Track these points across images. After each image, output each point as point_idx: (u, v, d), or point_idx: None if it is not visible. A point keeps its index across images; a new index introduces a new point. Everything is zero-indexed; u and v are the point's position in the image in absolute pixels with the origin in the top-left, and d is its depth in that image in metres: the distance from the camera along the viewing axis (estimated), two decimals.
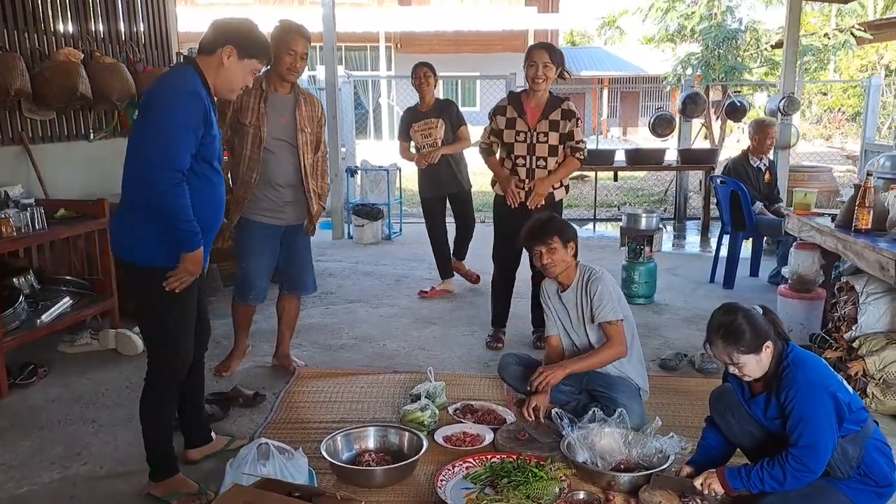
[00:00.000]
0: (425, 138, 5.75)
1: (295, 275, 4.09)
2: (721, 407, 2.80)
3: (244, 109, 3.75)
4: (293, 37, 3.71)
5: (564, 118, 4.32)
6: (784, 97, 7.71)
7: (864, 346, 3.66)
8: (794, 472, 2.47)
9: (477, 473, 2.98)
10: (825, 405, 2.46)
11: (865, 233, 3.79)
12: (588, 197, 10.89)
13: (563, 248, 3.42)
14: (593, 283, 3.43)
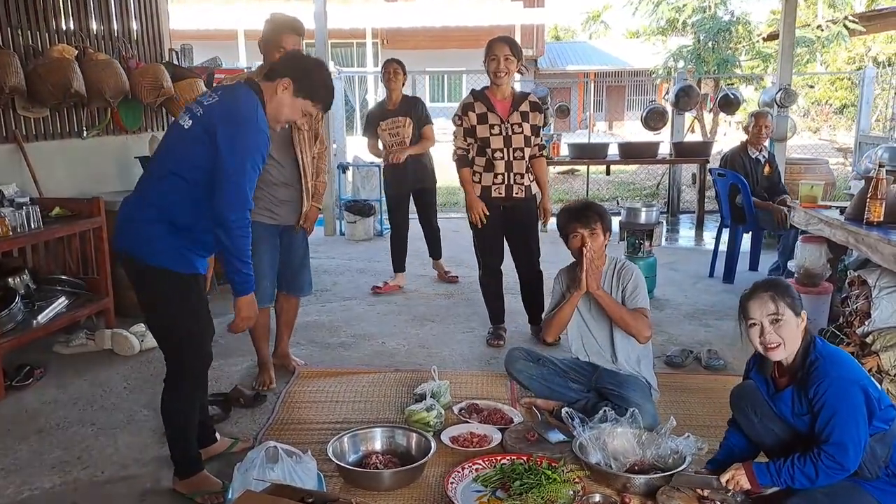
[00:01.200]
0: (393, 137, 5.69)
1: (290, 276, 3.94)
2: (743, 404, 2.72)
3: None
4: (284, 34, 3.50)
5: (534, 110, 4.31)
6: (781, 89, 7.67)
7: (878, 341, 3.60)
8: (827, 469, 2.39)
9: (487, 475, 2.90)
10: (857, 400, 2.39)
11: (878, 225, 3.73)
12: (580, 191, 10.83)
13: (602, 236, 3.38)
14: (627, 271, 3.42)
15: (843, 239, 3.98)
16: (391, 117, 5.68)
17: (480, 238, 4.51)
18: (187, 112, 2.66)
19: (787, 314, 2.47)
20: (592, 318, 3.48)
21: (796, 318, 2.48)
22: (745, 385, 2.76)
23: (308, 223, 3.86)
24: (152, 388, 3.87)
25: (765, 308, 2.49)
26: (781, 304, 2.47)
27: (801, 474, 2.43)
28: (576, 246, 3.39)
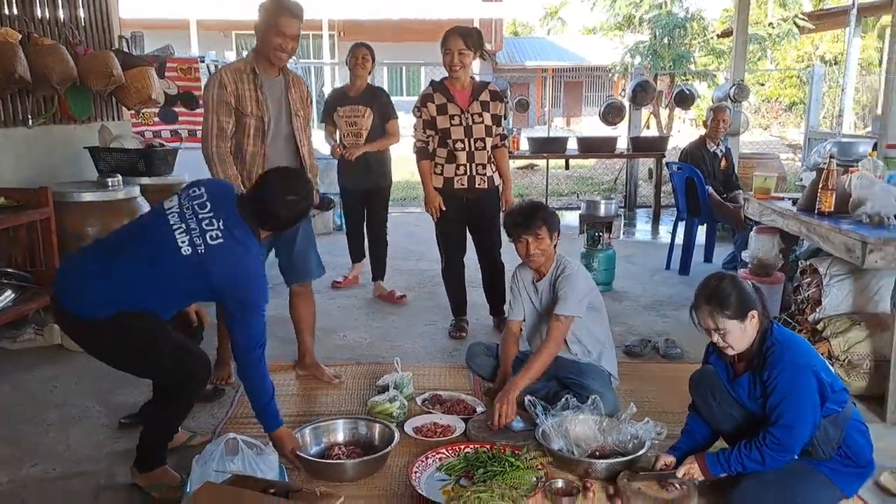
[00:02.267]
0: (350, 126, 5.30)
1: (299, 263, 3.76)
2: (702, 389, 2.77)
3: (241, 98, 3.38)
4: (284, 18, 3.33)
5: (494, 99, 4.28)
6: (734, 84, 7.81)
7: (829, 327, 3.69)
8: (772, 452, 2.46)
9: (451, 464, 2.89)
10: (808, 385, 2.45)
11: (829, 215, 3.81)
12: (539, 186, 10.90)
13: (549, 238, 3.35)
14: (564, 279, 3.37)
15: (795, 229, 4.06)
16: (351, 104, 5.28)
17: (443, 230, 4.49)
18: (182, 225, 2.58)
19: (728, 325, 2.51)
20: (546, 312, 3.49)
21: (740, 325, 2.51)
22: (705, 370, 2.80)
23: None
24: (104, 383, 3.77)
25: (707, 321, 2.56)
26: (720, 318, 2.51)
27: (749, 460, 2.49)
28: (522, 252, 3.40)
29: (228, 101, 3.35)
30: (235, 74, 3.38)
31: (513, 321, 3.60)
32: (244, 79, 3.39)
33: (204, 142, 3.39)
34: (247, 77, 3.40)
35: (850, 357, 3.59)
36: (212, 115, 3.35)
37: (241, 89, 3.38)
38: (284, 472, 2.72)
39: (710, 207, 5.98)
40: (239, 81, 3.37)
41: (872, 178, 3.86)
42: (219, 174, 3.36)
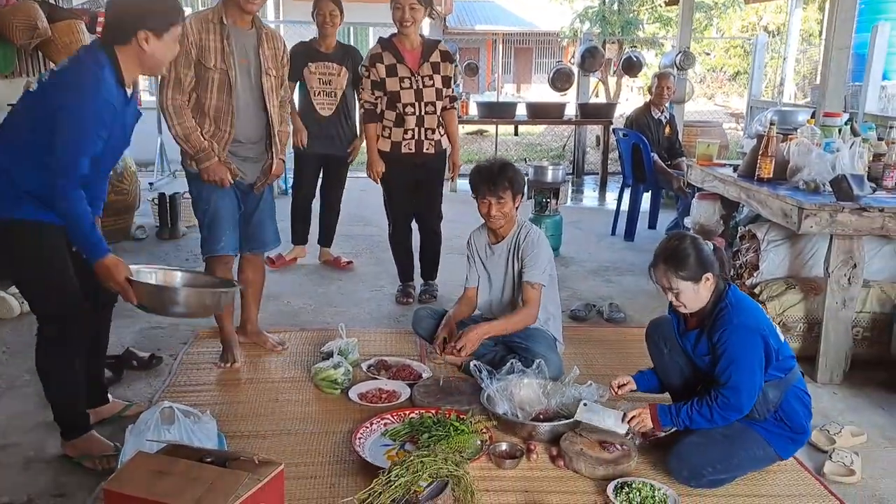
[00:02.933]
0: (323, 84, 4.89)
1: (256, 233, 3.57)
2: (656, 336, 2.85)
3: (205, 50, 3.14)
4: None
5: (445, 60, 4.17)
6: (680, 52, 7.86)
7: (765, 291, 3.78)
8: (721, 411, 2.53)
9: (396, 430, 2.89)
10: (756, 348, 2.52)
11: (768, 181, 3.88)
12: (488, 152, 10.87)
13: (512, 202, 3.32)
14: (530, 245, 3.36)
15: (735, 195, 4.13)
16: (323, 60, 4.86)
17: (390, 195, 4.43)
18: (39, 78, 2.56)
19: (682, 285, 2.57)
20: (497, 278, 3.49)
21: (694, 286, 2.57)
22: (662, 318, 2.89)
23: (273, 178, 3.55)
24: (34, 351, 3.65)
25: (662, 280, 2.62)
26: (674, 278, 2.57)
27: (699, 415, 2.56)
28: (483, 211, 3.37)
29: (188, 52, 3.10)
30: (200, 24, 3.13)
31: (469, 288, 3.59)
32: (210, 28, 3.14)
33: (160, 94, 3.17)
34: (213, 27, 3.15)
35: (785, 320, 3.69)
36: (170, 66, 3.04)
37: (205, 39, 3.14)
38: (224, 440, 2.68)
39: (655, 174, 6.04)
40: (203, 31, 3.13)
41: (810, 145, 3.93)
42: (175, 127, 3.18)
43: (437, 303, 4.48)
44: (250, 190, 3.48)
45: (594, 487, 2.57)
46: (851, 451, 2.82)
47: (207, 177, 3.27)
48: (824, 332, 3.52)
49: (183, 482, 1.99)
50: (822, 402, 3.35)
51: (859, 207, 3.38)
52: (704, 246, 2.62)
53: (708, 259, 2.59)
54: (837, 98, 5.00)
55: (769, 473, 2.69)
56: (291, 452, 2.78)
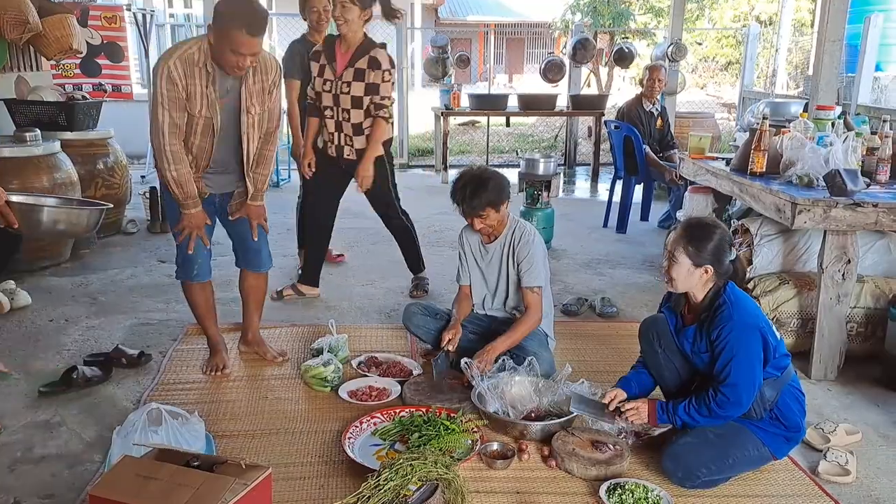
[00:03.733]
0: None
1: (244, 254, 3.47)
2: (650, 334, 2.80)
3: (192, 97, 2.97)
4: (240, 35, 2.80)
5: (371, 67, 3.89)
6: (672, 43, 7.82)
7: (759, 286, 3.75)
8: (720, 408, 2.50)
9: (386, 429, 2.85)
10: (755, 345, 2.50)
11: (760, 175, 3.85)
12: (480, 143, 10.81)
13: (496, 213, 3.26)
14: (524, 247, 3.31)
15: (728, 189, 4.10)
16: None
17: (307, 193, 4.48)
18: None
19: (682, 259, 2.54)
20: (492, 277, 3.46)
21: (693, 267, 2.54)
22: (657, 316, 2.84)
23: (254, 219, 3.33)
24: (24, 348, 3.62)
25: (671, 243, 2.59)
26: (680, 248, 2.54)
27: (697, 414, 2.54)
28: (469, 223, 3.32)
29: (181, 97, 2.94)
30: (186, 67, 2.91)
31: (463, 285, 3.55)
32: (195, 73, 2.93)
33: (155, 137, 2.99)
34: (198, 71, 2.94)
35: (779, 315, 3.67)
36: (163, 110, 2.94)
37: (192, 86, 2.95)
38: (212, 441, 2.64)
39: (646, 166, 6.01)
40: (190, 76, 2.93)
41: (803, 139, 3.90)
42: (171, 171, 3.01)
43: (430, 297, 4.45)
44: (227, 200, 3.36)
45: (587, 488, 2.55)
46: (846, 450, 2.80)
47: (187, 223, 3.16)
48: (818, 328, 3.51)
49: (169, 487, 1.95)
50: (817, 399, 3.33)
51: (853, 203, 3.35)
52: (727, 247, 2.58)
53: (720, 257, 2.55)
54: (830, 91, 4.96)
55: (763, 473, 2.67)
56: (280, 452, 2.75)
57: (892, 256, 3.89)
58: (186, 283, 3.41)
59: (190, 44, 2.97)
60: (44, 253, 4.92)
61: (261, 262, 3.51)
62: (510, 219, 3.40)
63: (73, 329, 3.92)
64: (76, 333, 3.87)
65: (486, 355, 3.16)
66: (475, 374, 3.03)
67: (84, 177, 5.34)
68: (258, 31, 2.86)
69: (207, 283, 3.43)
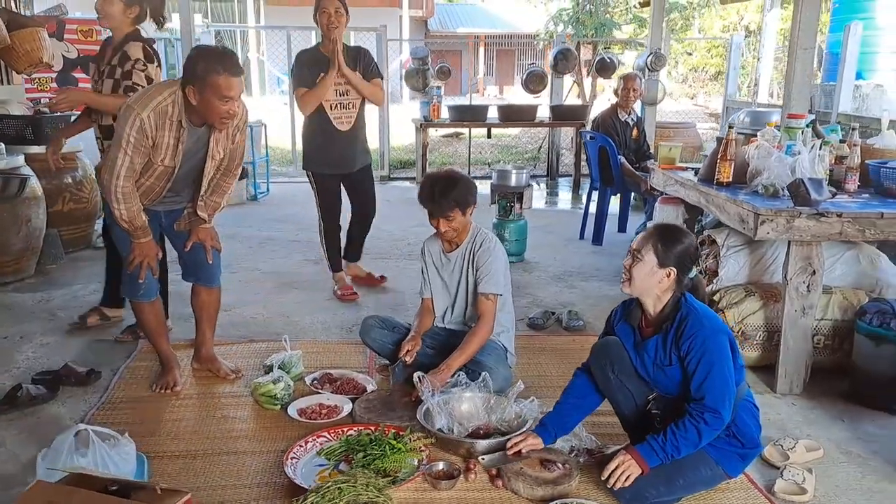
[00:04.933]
0: (341, 96, 4.42)
1: (193, 269, 3.43)
2: (603, 361, 2.66)
3: (158, 147, 2.96)
4: (224, 79, 2.80)
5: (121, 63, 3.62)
6: (651, 53, 7.78)
7: (725, 298, 3.68)
8: (709, 426, 2.38)
9: (331, 448, 2.77)
10: (727, 352, 2.43)
11: (727, 186, 3.78)
12: (462, 155, 10.76)
13: (463, 216, 3.19)
14: (484, 254, 3.25)
15: (695, 199, 4.03)
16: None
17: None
18: None
19: (648, 258, 2.46)
20: (453, 287, 3.39)
21: (656, 268, 2.45)
22: (608, 341, 2.71)
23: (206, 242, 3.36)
24: None
25: (640, 241, 2.51)
26: (648, 246, 2.46)
27: (685, 441, 2.39)
28: (434, 226, 3.25)
29: (146, 147, 2.93)
30: (159, 119, 2.89)
31: (426, 298, 3.48)
32: (167, 126, 2.92)
33: (107, 175, 2.94)
34: (170, 125, 2.93)
35: (744, 328, 3.60)
36: (125, 155, 2.90)
37: (161, 137, 2.93)
38: (145, 463, 2.56)
39: (622, 177, 5.95)
40: (160, 129, 2.91)
41: (770, 148, 3.83)
42: (120, 211, 3.00)
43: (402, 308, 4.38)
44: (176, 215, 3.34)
45: None
46: (805, 467, 2.72)
47: (139, 252, 3.14)
48: (783, 341, 3.43)
49: None
50: (780, 413, 3.26)
51: (817, 213, 3.29)
52: (694, 257, 2.52)
53: (684, 264, 2.48)
54: (802, 99, 4.89)
55: (718, 492, 2.59)
56: (221, 474, 2.67)
57: (860, 267, 3.82)
58: (134, 301, 3.35)
59: (165, 95, 2.92)
60: (7, 269, 4.85)
61: (212, 277, 3.46)
62: (472, 227, 3.34)
63: (27, 346, 3.84)
64: (29, 351, 3.79)
65: (441, 374, 3.07)
66: (425, 390, 2.95)
67: (51, 191, 5.29)
68: (238, 71, 2.88)
69: (156, 301, 3.37)
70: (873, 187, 3.78)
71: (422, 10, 21.83)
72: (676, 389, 2.52)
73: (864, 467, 2.84)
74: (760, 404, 3.26)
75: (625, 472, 2.43)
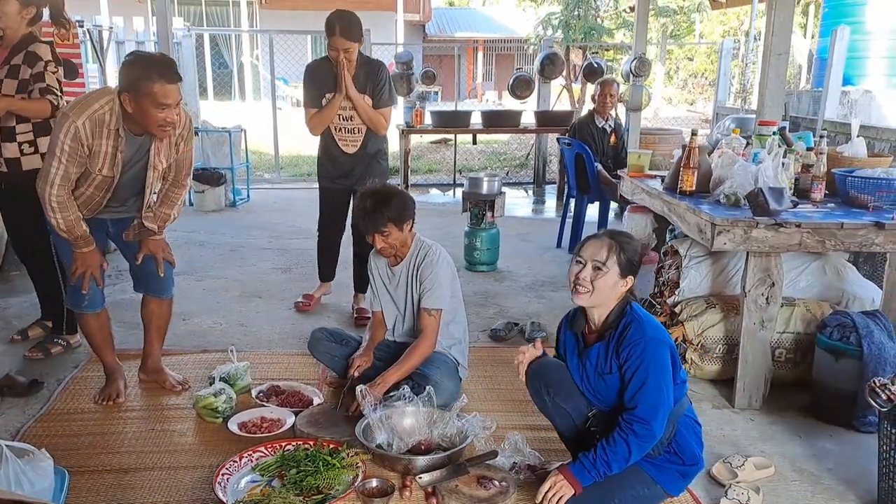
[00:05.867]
0: (345, 120, 4.18)
1: (144, 273, 3.31)
2: (536, 384, 2.59)
3: (95, 156, 2.88)
4: (160, 86, 2.74)
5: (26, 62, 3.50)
6: (635, 58, 7.71)
7: (685, 310, 3.61)
8: (639, 440, 2.29)
9: (266, 463, 2.70)
10: (667, 365, 2.35)
11: (690, 195, 3.71)
12: (449, 161, 10.69)
13: (399, 231, 3.11)
14: (427, 267, 3.17)
15: (659, 208, 3.96)
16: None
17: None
18: None
19: (612, 270, 2.37)
20: (400, 301, 3.32)
21: (618, 279, 2.38)
22: (541, 363, 2.62)
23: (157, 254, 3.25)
24: None
25: (597, 252, 2.39)
26: (612, 257, 2.37)
27: (615, 456, 2.31)
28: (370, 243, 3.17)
29: (82, 156, 2.86)
30: (95, 127, 2.82)
31: (376, 312, 3.41)
32: (104, 135, 2.85)
33: (42, 183, 2.87)
34: (108, 133, 2.86)
35: (704, 341, 3.52)
36: (59, 163, 2.83)
37: (97, 146, 2.86)
38: (66, 478, 2.48)
39: (598, 184, 5.88)
40: (97, 137, 2.84)
41: (734, 156, 3.77)
42: (57, 220, 2.92)
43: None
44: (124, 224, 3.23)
45: None
46: (752, 486, 2.65)
47: (81, 263, 3.06)
48: (742, 355, 3.35)
49: None
50: (736, 429, 3.18)
51: (775, 223, 3.21)
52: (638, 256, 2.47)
53: (636, 268, 2.43)
54: (776, 105, 4.81)
55: None
56: (150, 489, 2.60)
57: (826, 279, 3.74)
58: (78, 312, 3.29)
59: (102, 103, 2.85)
60: None
61: (163, 288, 3.39)
62: (416, 240, 3.26)
63: None
64: None
65: (376, 388, 3.00)
66: (367, 404, 2.88)
67: None
68: (175, 77, 2.81)
69: (101, 312, 3.30)
70: (840, 196, 3.70)
71: (419, 14, 21.77)
72: (616, 400, 2.45)
73: (815, 486, 2.76)
74: (718, 419, 3.26)
75: (556, 493, 2.35)
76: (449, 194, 9.32)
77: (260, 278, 5.24)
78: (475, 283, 5.16)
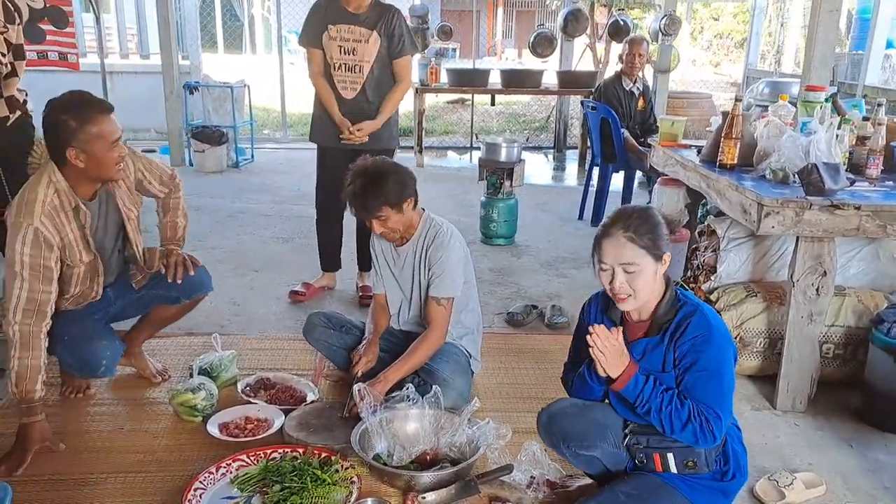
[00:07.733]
0: (346, 54, 3.68)
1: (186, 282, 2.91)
2: (553, 439, 2.21)
3: (68, 247, 2.54)
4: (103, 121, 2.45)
5: None
6: (665, 15, 7.20)
7: (722, 299, 3.23)
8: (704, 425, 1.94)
9: (247, 476, 2.37)
10: (731, 363, 2.02)
11: (731, 169, 3.30)
12: (466, 123, 10.23)
13: (399, 213, 2.73)
14: (437, 251, 2.80)
15: (696, 183, 3.55)
16: (348, 23, 3.65)
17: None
18: None
19: (644, 262, 1.97)
20: (406, 286, 2.95)
21: (655, 264, 1.99)
22: (551, 413, 2.23)
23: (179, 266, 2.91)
24: None
25: (618, 253, 1.98)
26: (637, 248, 1.97)
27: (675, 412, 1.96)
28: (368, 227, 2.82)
29: (49, 265, 2.45)
30: (54, 217, 2.47)
31: (377, 294, 3.06)
32: (65, 220, 2.51)
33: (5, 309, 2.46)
34: (66, 216, 2.51)
35: (743, 333, 3.15)
36: (20, 280, 2.40)
37: (66, 235, 2.52)
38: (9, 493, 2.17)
39: (625, 152, 5.46)
40: (61, 227, 2.49)
41: (781, 125, 3.34)
42: (13, 359, 2.42)
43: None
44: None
45: None
46: None
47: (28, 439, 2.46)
48: (786, 351, 2.98)
49: None
50: (780, 436, 2.83)
51: (831, 204, 2.81)
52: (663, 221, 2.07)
53: (667, 238, 2.04)
54: (824, 69, 4.37)
55: None
56: None
57: (880, 264, 3.34)
58: None
59: (44, 189, 2.46)
60: None
61: (203, 284, 3.02)
62: (424, 218, 2.88)
63: None
64: None
65: (376, 387, 2.65)
66: (365, 406, 2.53)
67: None
68: (109, 105, 2.51)
69: None
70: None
71: None
72: None
73: None
74: (759, 424, 2.90)
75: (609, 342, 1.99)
76: (465, 158, 8.91)
77: (258, 249, 4.90)
78: (491, 258, 4.79)
